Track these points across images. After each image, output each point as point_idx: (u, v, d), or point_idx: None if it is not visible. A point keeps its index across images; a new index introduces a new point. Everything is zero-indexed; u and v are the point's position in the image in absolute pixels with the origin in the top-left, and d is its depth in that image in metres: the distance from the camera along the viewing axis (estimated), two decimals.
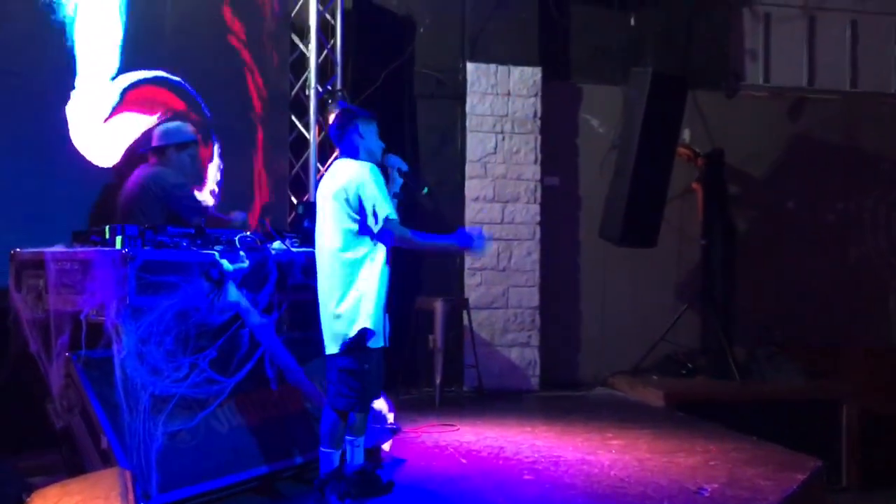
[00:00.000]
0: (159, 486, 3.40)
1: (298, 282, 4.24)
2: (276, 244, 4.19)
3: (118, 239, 3.52)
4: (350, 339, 3.74)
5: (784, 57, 8.46)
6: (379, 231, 3.77)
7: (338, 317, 3.75)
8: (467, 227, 7.44)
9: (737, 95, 8.19)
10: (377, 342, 3.84)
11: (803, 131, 8.46)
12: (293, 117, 6.69)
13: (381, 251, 3.84)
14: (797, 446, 5.44)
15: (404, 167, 4.13)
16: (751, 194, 8.35)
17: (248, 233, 4.27)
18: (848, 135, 8.56)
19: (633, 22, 7.91)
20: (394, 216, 3.79)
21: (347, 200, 3.75)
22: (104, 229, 3.59)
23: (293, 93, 6.68)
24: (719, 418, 6.25)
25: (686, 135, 8.08)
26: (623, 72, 7.61)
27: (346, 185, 3.78)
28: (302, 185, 6.67)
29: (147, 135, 4.95)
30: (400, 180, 4.08)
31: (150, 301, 3.47)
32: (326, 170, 4.37)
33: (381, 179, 3.85)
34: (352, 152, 3.95)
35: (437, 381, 6.70)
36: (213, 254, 3.75)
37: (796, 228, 8.42)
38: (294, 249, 4.26)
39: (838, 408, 7.26)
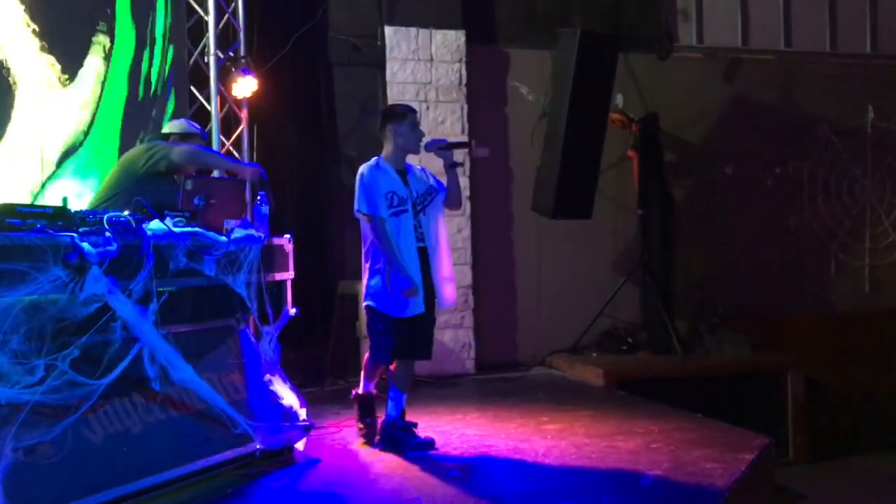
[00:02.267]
0: None
1: (183, 266, 3.72)
2: (154, 224, 3.65)
3: None
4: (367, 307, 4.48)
5: (717, 16, 8.14)
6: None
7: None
8: None
9: (670, 57, 7.82)
10: (398, 313, 4.37)
11: (739, 93, 8.16)
12: (192, 88, 6.12)
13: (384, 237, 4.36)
14: (742, 420, 5.18)
15: (443, 142, 4.62)
16: (687, 160, 8.03)
17: (128, 212, 3.74)
18: (785, 95, 8.29)
19: None
20: (365, 212, 4.37)
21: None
22: None
23: (191, 61, 6.10)
24: (662, 395, 5.94)
25: (619, 100, 7.73)
26: (552, 35, 7.19)
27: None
28: None
29: None
30: (447, 154, 4.56)
31: None
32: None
33: (371, 181, 4.37)
34: (385, 151, 4.49)
35: None
36: (72, 236, 3.20)
37: (735, 194, 8.13)
38: (176, 230, 3.72)
39: (782, 379, 7.03)
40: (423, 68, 7.02)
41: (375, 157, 4.49)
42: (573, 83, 6.67)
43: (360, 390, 4.66)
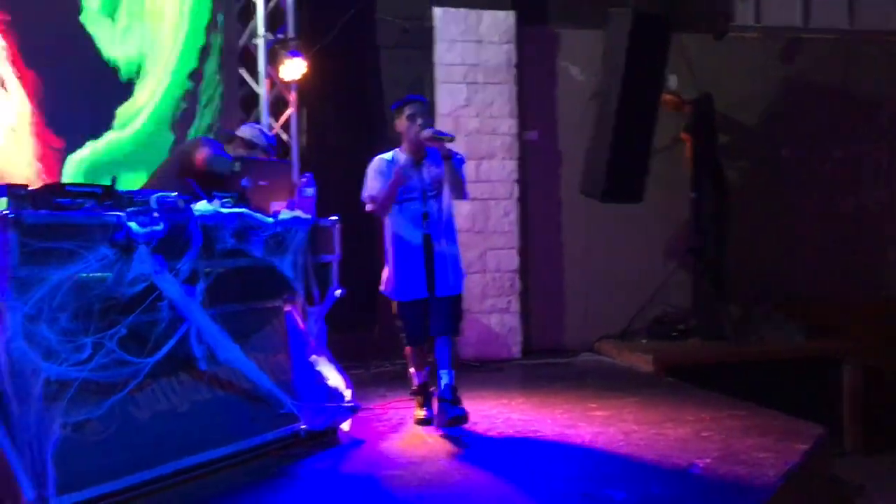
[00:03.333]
0: (59, 486, 2.92)
1: (230, 247, 3.73)
2: (202, 204, 3.67)
3: (3, 200, 3.00)
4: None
5: None
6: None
7: None
8: None
9: (726, 37, 7.61)
10: (399, 297, 4.55)
11: (798, 74, 7.91)
12: (242, 71, 6.13)
13: (389, 225, 4.57)
14: (796, 409, 5.01)
15: (433, 132, 4.41)
16: (742, 143, 7.83)
17: (175, 193, 3.76)
18: (845, 77, 8.01)
19: None
20: (362, 197, 4.58)
21: None
22: None
23: (241, 44, 6.12)
24: (713, 383, 5.81)
25: (672, 81, 7.53)
26: (604, 15, 7.03)
27: None
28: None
29: None
30: (440, 145, 4.36)
31: (40, 271, 2.96)
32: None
33: (378, 169, 4.54)
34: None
35: None
36: (119, 215, 3.23)
37: (791, 178, 7.92)
38: (224, 210, 3.73)
39: (839, 367, 6.83)
40: (471, 49, 6.95)
41: (396, 148, 4.64)
42: (625, 64, 6.53)
43: (414, 384, 4.75)
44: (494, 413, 4.93)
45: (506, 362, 6.89)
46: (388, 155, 4.62)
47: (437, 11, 6.89)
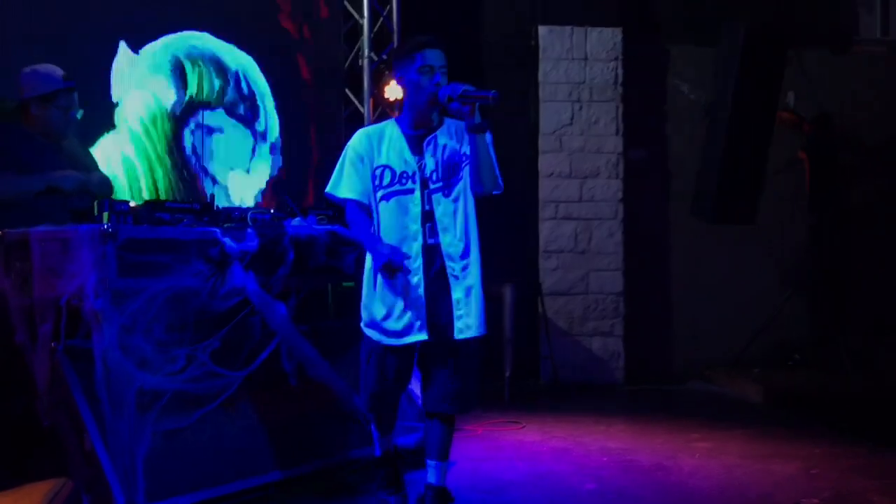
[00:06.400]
0: (147, 492, 3.00)
1: (321, 263, 3.77)
2: (296, 221, 3.73)
3: (105, 215, 3.13)
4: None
5: None
6: None
7: None
8: (541, 204, 6.85)
9: (850, 52, 7.22)
10: (386, 338, 3.15)
11: None
12: (348, 91, 6.25)
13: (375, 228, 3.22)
14: None
15: (457, 89, 3.07)
16: (866, 165, 7.36)
17: (272, 210, 3.85)
18: None
19: None
20: (329, 191, 3.23)
21: None
22: (93, 205, 3.21)
23: (347, 64, 6.23)
24: (830, 418, 5.45)
25: (790, 98, 7.21)
26: (718, 30, 6.82)
27: None
28: None
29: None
30: (466, 110, 3.05)
31: (136, 284, 3.06)
32: None
33: (353, 149, 3.20)
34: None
35: (507, 373, 6.14)
36: (215, 231, 3.31)
37: None
38: (317, 227, 3.78)
39: None
40: (576, 67, 6.84)
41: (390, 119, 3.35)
42: (737, 80, 6.33)
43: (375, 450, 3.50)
44: (590, 440, 4.80)
45: (607, 388, 6.70)
46: (379, 124, 3.31)
47: (543, 30, 6.83)
